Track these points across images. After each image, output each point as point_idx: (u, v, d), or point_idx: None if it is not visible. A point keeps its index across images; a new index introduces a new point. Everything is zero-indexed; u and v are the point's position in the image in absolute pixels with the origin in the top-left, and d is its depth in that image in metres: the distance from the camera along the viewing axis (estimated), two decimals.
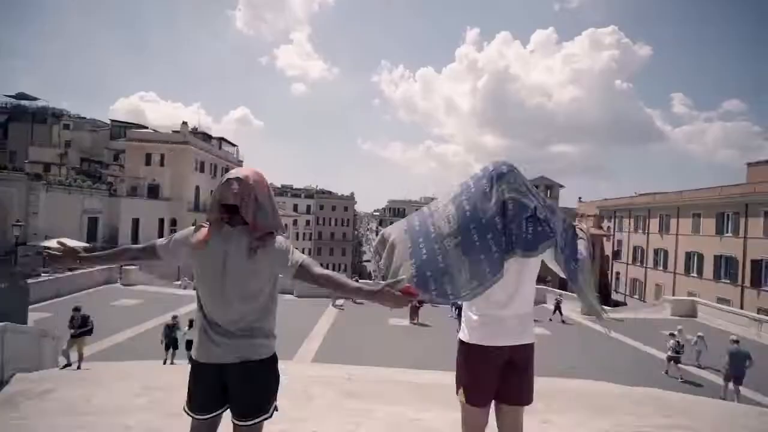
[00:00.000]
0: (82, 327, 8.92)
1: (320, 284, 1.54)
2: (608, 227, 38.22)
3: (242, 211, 1.59)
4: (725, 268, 24.91)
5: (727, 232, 24.95)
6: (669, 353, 11.48)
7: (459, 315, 9.19)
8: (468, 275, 1.66)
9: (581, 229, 2.07)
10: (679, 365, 11.51)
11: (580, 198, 45.84)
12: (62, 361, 8.22)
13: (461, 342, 1.88)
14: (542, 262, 1.86)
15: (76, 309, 9.28)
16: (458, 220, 1.74)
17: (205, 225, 1.66)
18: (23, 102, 40.60)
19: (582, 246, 1.95)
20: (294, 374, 5.31)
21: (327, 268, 1.64)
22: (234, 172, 1.66)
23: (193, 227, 1.69)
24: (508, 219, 1.71)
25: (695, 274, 27.03)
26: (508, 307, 1.79)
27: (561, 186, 49.25)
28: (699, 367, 11.98)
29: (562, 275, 1.85)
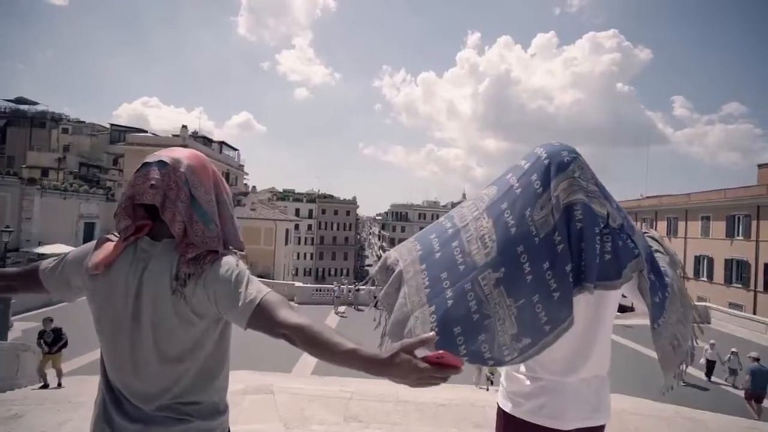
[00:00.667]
0: (55, 342, 7.89)
1: (289, 339, 0.91)
2: None
3: (165, 214, 1.00)
4: (737, 272, 24.27)
5: (738, 235, 24.33)
6: None
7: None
8: (516, 328, 1.09)
9: (654, 238, 1.43)
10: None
11: None
12: (40, 382, 7.68)
13: (503, 412, 1.30)
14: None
15: (47, 321, 8.12)
16: (499, 242, 1.14)
17: (113, 237, 1.05)
18: (22, 106, 40.24)
19: (664, 263, 1.31)
20: (291, 391, 4.89)
21: (329, 273, 0.99)
22: (158, 154, 1.06)
23: (96, 241, 1.07)
24: (573, 234, 1.11)
25: (705, 279, 26.37)
26: (576, 369, 1.19)
27: None
28: (735, 387, 11.11)
29: (642, 308, 1.22)
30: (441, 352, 0.82)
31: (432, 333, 0.88)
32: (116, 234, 1.05)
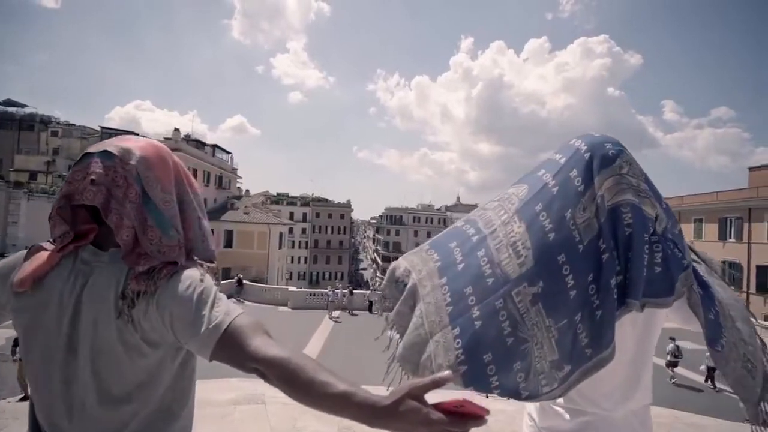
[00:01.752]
0: None
1: (262, 375, 0.72)
2: None
3: (110, 218, 0.81)
4: (729, 274, 24.52)
5: (731, 237, 24.62)
6: (668, 358, 11.10)
7: None
8: (557, 354, 0.90)
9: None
10: (674, 369, 11.36)
11: None
12: (21, 393, 7.36)
13: None
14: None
15: None
16: (535, 250, 0.96)
17: (49, 246, 0.86)
18: (10, 109, 39.72)
19: (702, 271, 1.13)
20: (282, 401, 4.72)
21: (323, 277, 0.77)
22: (103, 144, 0.86)
23: (27, 250, 0.88)
24: (621, 241, 0.93)
25: None
26: (626, 401, 1.02)
27: None
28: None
29: (692, 327, 1.04)
30: (461, 399, 0.64)
31: (448, 372, 0.69)
32: (49, 242, 0.86)
